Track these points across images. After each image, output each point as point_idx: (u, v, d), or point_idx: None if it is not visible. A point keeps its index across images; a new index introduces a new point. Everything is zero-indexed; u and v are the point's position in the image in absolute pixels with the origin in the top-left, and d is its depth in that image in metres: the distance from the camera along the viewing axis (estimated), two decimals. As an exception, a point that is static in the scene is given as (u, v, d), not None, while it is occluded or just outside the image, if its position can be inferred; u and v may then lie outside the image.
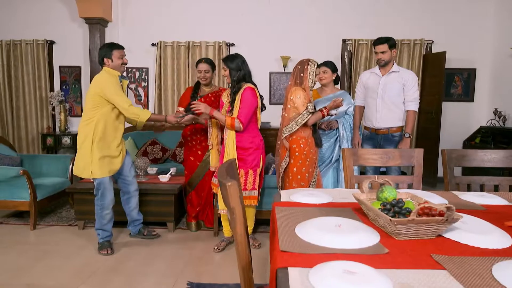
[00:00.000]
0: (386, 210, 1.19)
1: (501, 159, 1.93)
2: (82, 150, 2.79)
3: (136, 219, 3.18)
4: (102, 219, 2.92)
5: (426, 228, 1.14)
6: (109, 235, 2.99)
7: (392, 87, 3.18)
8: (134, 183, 3.10)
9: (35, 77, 5.51)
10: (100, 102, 2.74)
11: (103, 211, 2.90)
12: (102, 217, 2.92)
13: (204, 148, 3.40)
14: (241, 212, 1.09)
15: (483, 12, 5.21)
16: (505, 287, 0.86)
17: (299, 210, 1.46)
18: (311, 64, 2.77)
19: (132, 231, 3.21)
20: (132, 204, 3.12)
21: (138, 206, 3.17)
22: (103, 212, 2.91)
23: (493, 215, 1.43)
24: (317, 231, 1.17)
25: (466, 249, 1.09)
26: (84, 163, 2.79)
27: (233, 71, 2.77)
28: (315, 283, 0.87)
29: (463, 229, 1.21)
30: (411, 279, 0.90)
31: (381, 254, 1.04)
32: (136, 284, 2.44)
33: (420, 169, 1.90)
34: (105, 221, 2.93)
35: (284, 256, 1.02)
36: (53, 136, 5.30)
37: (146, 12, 5.48)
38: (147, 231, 3.21)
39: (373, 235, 1.16)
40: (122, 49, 2.86)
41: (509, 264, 0.95)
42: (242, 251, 1.10)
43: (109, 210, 2.93)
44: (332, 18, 5.36)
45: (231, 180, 1.08)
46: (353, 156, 1.90)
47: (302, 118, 2.78)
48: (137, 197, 3.14)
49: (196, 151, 3.40)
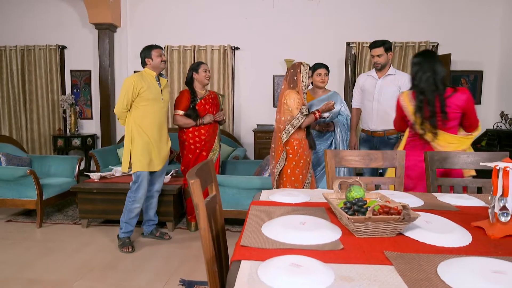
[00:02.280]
0: (347, 209, 1.23)
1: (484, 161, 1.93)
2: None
3: (151, 219, 3.29)
4: (130, 212, 3.02)
5: (385, 226, 1.18)
6: (131, 231, 3.09)
7: (388, 90, 3.19)
8: (159, 183, 3.21)
9: (47, 81, 5.72)
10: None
11: (134, 204, 3.01)
12: (131, 211, 3.02)
13: (208, 149, 3.48)
14: (204, 208, 1.16)
15: (490, 13, 5.15)
16: (443, 281, 0.90)
17: (273, 209, 1.51)
18: (304, 67, 2.81)
19: (145, 231, 3.31)
20: (151, 203, 3.24)
21: (156, 208, 3.28)
22: (133, 206, 3.01)
23: (464, 216, 1.45)
24: (280, 228, 1.22)
25: (421, 247, 1.12)
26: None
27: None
28: (261, 275, 0.92)
29: (425, 228, 1.24)
30: (354, 272, 0.94)
31: (335, 250, 1.09)
32: (130, 280, 2.53)
33: (401, 170, 1.92)
34: (133, 214, 3.03)
35: (242, 251, 1.08)
36: (63, 138, 5.48)
37: (153, 17, 5.63)
38: (159, 233, 3.30)
39: (334, 233, 1.21)
40: (160, 49, 3.08)
41: (455, 262, 0.99)
42: (205, 245, 1.16)
43: (139, 205, 3.03)
44: (336, 21, 5.39)
45: (195, 178, 1.15)
46: (335, 157, 1.94)
47: (297, 121, 2.82)
48: (157, 198, 3.26)
49: (201, 152, 3.47)
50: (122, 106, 2.93)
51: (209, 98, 3.48)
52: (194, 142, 3.45)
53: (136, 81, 2.90)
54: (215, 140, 3.55)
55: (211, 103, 3.50)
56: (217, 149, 3.58)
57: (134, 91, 2.89)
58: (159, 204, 3.41)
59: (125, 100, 2.90)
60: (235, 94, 5.63)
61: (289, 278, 0.88)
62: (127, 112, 2.98)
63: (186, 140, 3.47)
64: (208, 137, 3.47)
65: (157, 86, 3.03)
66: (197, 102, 3.42)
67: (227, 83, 5.52)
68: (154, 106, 3.01)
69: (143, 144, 2.97)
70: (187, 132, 3.46)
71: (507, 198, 1.23)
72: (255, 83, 5.58)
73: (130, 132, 2.98)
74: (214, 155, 3.55)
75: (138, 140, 2.97)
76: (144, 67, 3.05)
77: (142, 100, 2.95)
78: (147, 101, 2.96)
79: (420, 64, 2.33)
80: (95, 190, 3.47)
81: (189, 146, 3.46)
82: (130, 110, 2.98)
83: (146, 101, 2.96)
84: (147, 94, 2.94)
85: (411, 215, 1.17)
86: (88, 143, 5.59)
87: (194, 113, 3.40)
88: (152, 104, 2.99)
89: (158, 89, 3.04)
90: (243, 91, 5.64)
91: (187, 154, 3.48)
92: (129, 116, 2.99)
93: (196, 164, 3.48)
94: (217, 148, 3.57)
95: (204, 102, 3.46)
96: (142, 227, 3.31)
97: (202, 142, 3.46)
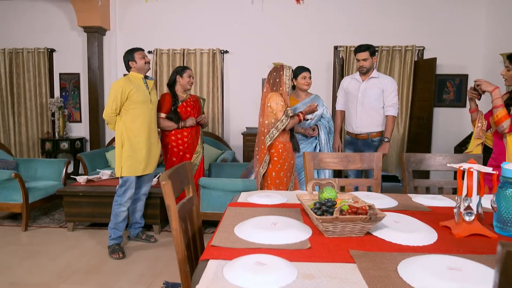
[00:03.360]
0: (316, 209, 1.26)
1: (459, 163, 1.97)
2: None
3: (138, 222, 3.29)
4: (117, 216, 3.01)
5: (353, 226, 1.21)
6: (120, 237, 3.08)
7: (371, 92, 3.24)
8: (146, 186, 3.22)
9: (36, 84, 5.70)
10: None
11: (120, 207, 3.01)
12: (118, 214, 3.01)
13: (192, 152, 3.50)
14: (175, 209, 1.18)
15: (474, 18, 5.25)
16: (401, 278, 0.93)
17: (249, 210, 1.54)
18: (286, 69, 2.85)
19: (131, 233, 3.31)
20: (138, 206, 3.24)
21: (143, 210, 3.28)
22: (120, 209, 3.01)
23: (434, 216, 1.49)
24: (252, 228, 1.25)
25: (387, 246, 1.16)
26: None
27: None
28: (226, 273, 0.95)
29: (393, 228, 1.27)
30: (317, 270, 0.97)
31: (302, 249, 1.11)
32: (113, 283, 2.54)
33: (378, 172, 1.96)
34: (120, 218, 3.02)
35: (211, 250, 1.10)
36: (51, 141, 5.46)
37: (143, 21, 5.64)
38: (145, 235, 3.30)
39: (304, 233, 1.23)
40: (142, 50, 3.09)
41: (415, 259, 1.02)
42: (177, 245, 1.19)
43: (125, 208, 3.03)
44: (324, 25, 5.45)
45: (166, 180, 1.17)
46: (314, 160, 1.97)
47: (282, 123, 2.85)
48: (143, 201, 3.27)
49: (184, 154, 3.49)
50: (111, 111, 2.92)
51: (190, 101, 3.51)
52: (177, 144, 3.47)
53: (125, 85, 2.91)
54: (198, 142, 3.57)
55: (192, 106, 3.53)
56: (200, 151, 3.60)
57: (123, 94, 2.90)
58: (146, 206, 3.41)
59: (114, 104, 2.90)
60: (224, 97, 5.66)
61: (252, 276, 0.91)
62: (116, 116, 2.97)
63: (169, 143, 3.47)
64: (190, 139, 3.48)
65: (145, 88, 3.05)
66: (179, 105, 3.45)
67: (216, 86, 5.55)
68: (144, 108, 3.02)
69: (133, 148, 2.96)
70: (170, 135, 3.46)
71: (471, 198, 1.27)
72: (244, 86, 5.61)
73: (120, 136, 2.97)
74: (197, 157, 3.57)
75: (127, 144, 2.96)
76: (129, 71, 3.07)
77: (132, 103, 2.95)
78: (137, 104, 2.97)
79: None
80: (81, 193, 3.47)
81: (172, 149, 3.48)
82: (119, 114, 2.97)
83: (136, 104, 2.96)
84: (136, 96, 2.96)
85: (377, 215, 1.20)
86: (77, 146, 5.57)
87: (176, 115, 3.42)
88: (142, 107, 3.00)
89: (146, 91, 3.06)
90: (232, 94, 5.67)
91: (170, 157, 3.50)
92: (119, 120, 2.98)
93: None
94: (200, 150, 3.60)
95: (186, 105, 3.49)
96: (128, 230, 3.32)
97: (185, 145, 3.47)
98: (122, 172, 2.94)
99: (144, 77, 3.08)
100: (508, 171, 1.27)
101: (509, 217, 1.27)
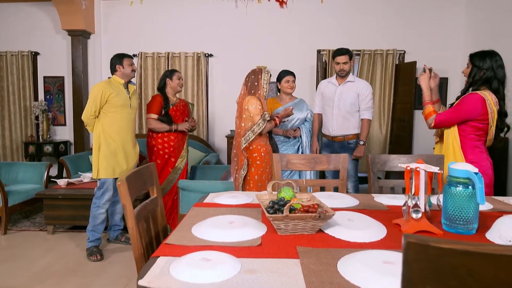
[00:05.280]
0: (270, 208, 1.31)
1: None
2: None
3: (117, 224, 3.31)
4: (95, 218, 3.03)
5: (304, 224, 1.26)
6: (98, 239, 3.09)
7: (347, 96, 3.31)
8: None
9: (19, 87, 5.68)
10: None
11: (98, 210, 3.02)
12: (96, 217, 3.03)
13: (177, 156, 3.54)
14: (131, 208, 1.22)
15: (453, 22, 5.37)
16: (338, 272, 0.98)
17: (212, 210, 1.58)
18: (265, 73, 2.90)
19: (110, 236, 3.32)
20: (117, 209, 3.26)
21: (122, 213, 3.30)
22: (98, 212, 3.02)
23: (390, 214, 1.55)
24: (208, 227, 1.29)
25: (336, 242, 1.21)
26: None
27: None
28: (172, 269, 0.99)
29: (345, 225, 1.33)
30: (261, 266, 1.02)
31: (252, 246, 1.16)
32: (89, 285, 2.56)
33: (344, 172, 2.02)
34: (98, 221, 3.04)
35: (164, 248, 1.14)
36: (35, 144, 5.44)
37: (127, 24, 5.66)
38: (125, 238, 3.32)
39: (259, 231, 1.28)
40: (132, 58, 3.18)
41: (356, 255, 1.07)
42: (134, 243, 1.22)
43: (103, 210, 3.05)
44: (308, 29, 5.53)
45: (123, 181, 1.21)
46: (282, 161, 2.02)
47: (258, 127, 2.90)
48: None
49: (169, 158, 3.52)
50: (90, 113, 2.96)
51: (180, 106, 3.58)
52: (163, 147, 3.50)
53: (105, 88, 2.94)
54: (184, 147, 3.62)
55: (181, 111, 3.59)
56: (185, 155, 3.64)
57: (102, 98, 2.93)
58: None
59: (93, 106, 2.94)
60: (209, 100, 5.70)
61: (195, 271, 0.95)
62: (94, 118, 3.01)
63: (155, 145, 3.51)
64: (177, 143, 3.53)
65: (125, 93, 3.09)
66: (170, 108, 3.49)
67: (201, 89, 5.58)
68: (123, 112, 3.06)
69: (110, 151, 3.00)
70: (157, 137, 3.50)
71: (418, 197, 1.33)
72: (228, 89, 5.65)
73: (98, 138, 3.01)
74: (182, 161, 3.61)
75: (104, 146, 3.00)
76: (113, 74, 3.11)
77: (111, 107, 2.99)
78: (116, 108, 3.01)
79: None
80: (60, 196, 3.48)
81: (158, 151, 3.50)
82: (98, 117, 3.01)
83: (115, 108, 3.00)
84: (116, 100, 2.99)
85: (327, 213, 1.25)
86: (61, 149, 5.56)
87: (167, 118, 3.46)
88: (121, 111, 3.04)
89: (127, 95, 3.09)
90: (217, 97, 5.71)
91: (155, 159, 3.52)
92: (97, 122, 3.02)
93: (164, 169, 3.57)
94: (185, 154, 3.64)
95: (176, 109, 3.54)
96: (108, 233, 3.33)
97: (171, 148, 3.51)
98: (98, 174, 2.97)
99: (126, 82, 3.12)
100: (453, 171, 1.34)
101: (456, 215, 1.33)
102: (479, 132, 2.18)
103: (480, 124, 2.16)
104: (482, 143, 2.20)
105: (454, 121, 2.21)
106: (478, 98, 2.12)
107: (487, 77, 2.17)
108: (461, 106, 2.18)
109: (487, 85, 2.18)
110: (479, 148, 2.18)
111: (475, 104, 2.12)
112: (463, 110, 2.17)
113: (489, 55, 2.19)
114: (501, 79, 2.17)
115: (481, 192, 1.25)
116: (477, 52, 2.26)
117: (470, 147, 2.17)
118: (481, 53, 2.22)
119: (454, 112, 2.21)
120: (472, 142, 2.18)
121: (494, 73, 2.16)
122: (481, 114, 2.12)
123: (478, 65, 2.20)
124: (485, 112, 2.12)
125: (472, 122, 2.17)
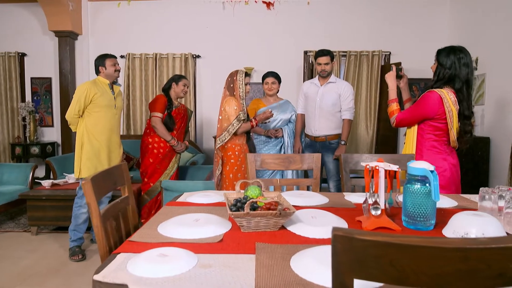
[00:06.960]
0: (233, 206, 1.34)
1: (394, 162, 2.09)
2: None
3: None
4: (77, 218, 3.04)
5: (266, 221, 1.29)
6: (80, 239, 3.10)
7: (329, 97, 3.35)
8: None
9: (6, 89, 5.67)
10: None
11: (80, 209, 3.04)
12: (78, 216, 3.04)
13: (170, 158, 3.58)
14: (96, 207, 1.25)
15: (437, 23, 5.45)
16: (289, 266, 1.02)
17: (182, 208, 1.61)
18: (240, 74, 2.94)
19: (93, 236, 3.34)
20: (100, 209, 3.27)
21: None
22: (80, 211, 3.04)
23: (356, 212, 1.59)
24: (173, 225, 1.32)
25: (295, 239, 1.24)
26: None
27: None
28: (129, 264, 1.02)
29: (307, 222, 1.36)
30: (217, 261, 1.05)
31: (213, 243, 1.19)
32: (69, 285, 2.57)
33: (318, 172, 2.06)
34: (80, 220, 3.05)
35: (126, 245, 1.17)
36: (22, 145, 5.43)
37: (115, 25, 5.68)
38: None
39: (222, 228, 1.31)
40: (115, 58, 3.16)
41: (309, 250, 1.10)
42: (99, 241, 1.25)
43: (85, 210, 3.06)
44: (295, 30, 5.58)
45: (87, 180, 1.24)
46: (256, 161, 2.06)
47: (232, 127, 2.94)
48: (106, 203, 3.28)
49: (163, 159, 3.56)
50: (74, 112, 2.98)
51: (181, 110, 3.65)
52: (158, 147, 3.55)
53: (89, 88, 2.96)
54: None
55: (181, 115, 3.64)
56: (176, 161, 3.70)
57: (87, 98, 2.95)
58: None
59: (77, 106, 2.96)
60: (196, 101, 5.72)
61: (150, 266, 0.98)
62: (78, 118, 3.03)
63: (151, 143, 3.54)
64: (172, 149, 3.57)
65: (110, 93, 3.11)
66: (173, 110, 3.54)
67: (189, 90, 5.60)
68: (107, 113, 3.07)
69: (92, 150, 3.02)
70: (154, 135, 3.54)
71: (377, 194, 1.37)
72: (216, 90, 5.66)
73: (80, 137, 3.03)
74: (173, 166, 3.65)
75: (87, 146, 3.01)
76: (98, 75, 3.13)
77: (95, 107, 3.01)
78: (100, 108, 3.02)
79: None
80: (44, 197, 3.48)
81: (152, 150, 3.54)
82: (82, 116, 3.03)
83: (99, 108, 3.02)
84: (100, 101, 3.01)
85: (288, 210, 1.29)
86: (48, 150, 5.55)
87: (171, 120, 3.51)
88: (105, 111, 3.06)
89: (111, 96, 3.11)
90: (205, 98, 5.74)
91: (148, 158, 3.56)
92: (81, 122, 3.04)
93: (157, 170, 3.59)
94: (176, 160, 3.71)
95: (177, 112, 3.60)
96: (91, 233, 3.35)
97: (167, 149, 3.55)
98: (80, 173, 2.98)
99: (111, 83, 3.14)
100: (412, 169, 1.38)
101: (415, 212, 1.37)
102: (438, 132, 2.17)
103: (439, 124, 2.14)
104: (441, 144, 2.18)
105: (413, 119, 2.21)
106: (435, 96, 2.09)
107: (450, 76, 2.11)
108: (418, 104, 2.17)
109: (451, 83, 2.13)
110: (437, 149, 2.18)
111: (432, 102, 2.09)
112: (419, 108, 2.16)
113: (454, 52, 2.11)
114: (463, 78, 2.10)
115: (435, 189, 1.29)
116: (444, 47, 2.18)
117: (427, 147, 2.19)
118: (448, 50, 2.15)
119: (412, 110, 2.22)
120: (429, 142, 2.18)
121: (456, 72, 2.09)
122: (437, 114, 2.11)
123: (441, 63, 2.14)
124: (442, 112, 2.10)
125: (430, 122, 2.16)
